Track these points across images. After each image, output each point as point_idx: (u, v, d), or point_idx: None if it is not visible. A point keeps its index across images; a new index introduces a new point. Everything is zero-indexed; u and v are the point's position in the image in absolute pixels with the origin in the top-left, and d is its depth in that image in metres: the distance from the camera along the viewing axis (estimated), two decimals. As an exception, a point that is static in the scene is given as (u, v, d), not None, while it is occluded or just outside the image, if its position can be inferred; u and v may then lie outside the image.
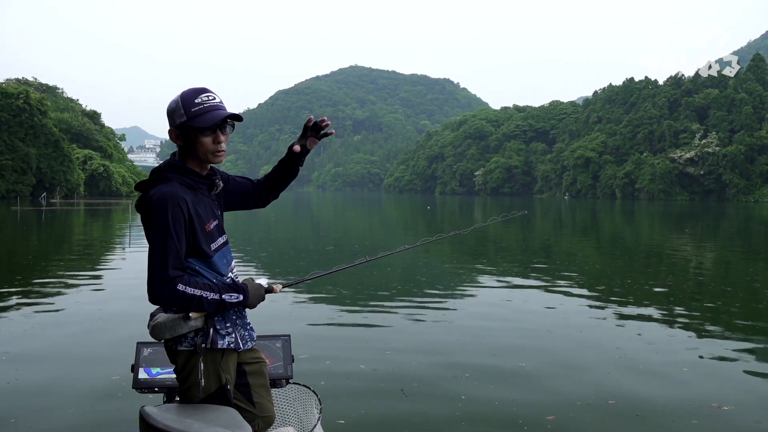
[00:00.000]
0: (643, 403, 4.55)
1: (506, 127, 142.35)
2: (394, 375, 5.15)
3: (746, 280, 11.51)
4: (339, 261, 13.33)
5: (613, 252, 17.45)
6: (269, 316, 7.35)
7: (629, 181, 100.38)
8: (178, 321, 2.18)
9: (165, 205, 2.12)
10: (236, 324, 2.34)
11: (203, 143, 2.24)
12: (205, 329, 2.23)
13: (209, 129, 2.23)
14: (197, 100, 2.23)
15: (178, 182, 2.21)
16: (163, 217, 2.12)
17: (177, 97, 2.25)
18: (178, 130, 2.25)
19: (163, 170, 2.25)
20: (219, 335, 2.26)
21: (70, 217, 32.40)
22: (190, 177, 2.26)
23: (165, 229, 2.12)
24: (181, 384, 2.29)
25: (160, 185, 2.19)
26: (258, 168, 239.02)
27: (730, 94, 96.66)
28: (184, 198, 2.18)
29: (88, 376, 5.08)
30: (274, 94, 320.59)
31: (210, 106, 2.23)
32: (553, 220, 36.96)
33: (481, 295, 9.41)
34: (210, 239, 2.28)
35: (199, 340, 2.22)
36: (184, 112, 2.22)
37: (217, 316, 2.26)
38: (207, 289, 2.17)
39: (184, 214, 2.16)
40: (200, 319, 2.21)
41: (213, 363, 2.25)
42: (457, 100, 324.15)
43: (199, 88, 2.26)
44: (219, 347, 2.25)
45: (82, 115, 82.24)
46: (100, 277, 11.01)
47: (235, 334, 2.32)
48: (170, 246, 2.11)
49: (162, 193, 2.15)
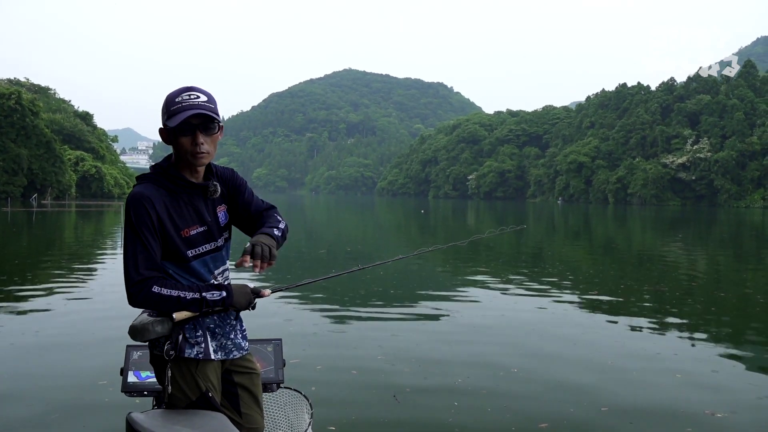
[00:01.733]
0: (636, 410, 4.53)
1: (499, 132, 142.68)
2: (386, 381, 5.10)
3: (738, 286, 11.53)
4: (332, 265, 13.30)
5: (606, 257, 17.47)
6: (261, 320, 7.29)
7: (621, 186, 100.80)
8: (147, 325, 2.11)
9: (130, 206, 2.11)
10: (215, 333, 2.26)
11: (182, 143, 2.17)
12: (173, 336, 2.16)
13: (185, 129, 2.14)
14: (177, 98, 2.16)
15: (153, 183, 2.17)
16: (129, 219, 2.10)
17: (167, 99, 2.19)
18: (164, 130, 2.21)
19: (148, 171, 2.23)
20: (188, 344, 2.19)
21: (61, 219, 32.20)
22: (170, 179, 2.19)
23: (132, 230, 2.09)
24: (162, 391, 2.25)
25: (134, 187, 2.17)
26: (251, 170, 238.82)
27: (721, 100, 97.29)
28: (151, 198, 2.12)
29: (75, 380, 5.01)
30: (267, 96, 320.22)
31: (187, 105, 2.14)
32: (546, 225, 37.01)
33: (474, 301, 9.38)
34: (189, 245, 2.21)
35: (168, 347, 2.16)
36: (165, 111, 2.17)
37: (188, 324, 2.19)
38: (185, 289, 2.11)
39: (151, 215, 2.10)
40: (166, 326, 2.14)
41: (188, 371, 2.19)
42: (450, 104, 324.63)
43: (185, 87, 2.20)
44: (185, 356, 2.18)
45: (74, 116, 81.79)
46: (91, 279, 10.91)
47: (206, 343, 2.23)
48: (138, 247, 2.08)
49: (131, 194, 2.13)
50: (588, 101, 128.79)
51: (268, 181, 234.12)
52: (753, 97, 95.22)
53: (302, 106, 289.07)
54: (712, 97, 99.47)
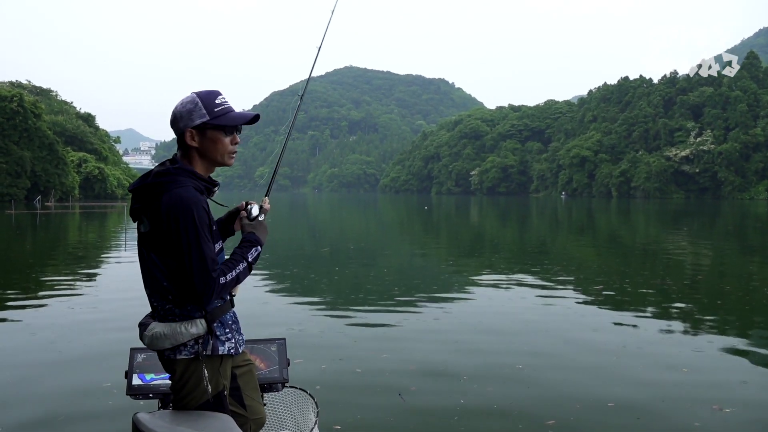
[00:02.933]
0: (643, 405, 4.50)
1: (501, 127, 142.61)
2: (391, 380, 5.08)
3: (744, 279, 11.49)
4: (335, 263, 13.27)
5: (611, 251, 17.43)
6: (264, 319, 7.29)
7: (625, 180, 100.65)
8: (179, 329, 2.15)
9: (191, 210, 2.10)
10: (233, 329, 2.31)
11: (224, 143, 2.26)
12: (205, 336, 2.20)
13: (231, 129, 2.26)
14: (217, 100, 2.24)
15: (192, 186, 2.17)
16: (192, 222, 2.09)
17: (192, 97, 2.22)
18: (195, 130, 2.22)
19: (173, 173, 2.19)
20: (219, 341, 2.23)
21: (65, 220, 32.26)
22: (199, 181, 2.23)
23: (197, 234, 2.10)
24: (177, 393, 2.23)
25: (176, 189, 2.12)
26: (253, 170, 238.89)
27: (724, 92, 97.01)
28: (204, 201, 2.19)
29: (79, 383, 5.00)
30: (269, 95, 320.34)
31: (230, 107, 2.28)
32: (549, 219, 36.96)
33: (478, 297, 9.35)
34: (215, 242, 2.27)
35: (200, 347, 2.18)
36: (206, 112, 2.21)
37: (216, 322, 2.22)
38: (236, 263, 2.22)
39: (210, 217, 2.19)
40: (201, 326, 2.17)
41: (212, 370, 2.22)
42: (452, 100, 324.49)
43: (213, 90, 2.26)
44: (219, 353, 2.22)
45: (76, 118, 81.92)
46: (93, 282, 10.91)
47: (234, 339, 2.29)
48: (206, 249, 2.11)
49: (185, 198, 2.11)
50: (590, 95, 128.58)
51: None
52: (756, 89, 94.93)
53: (304, 104, 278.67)
54: (715, 89, 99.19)
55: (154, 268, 2.18)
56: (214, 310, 2.21)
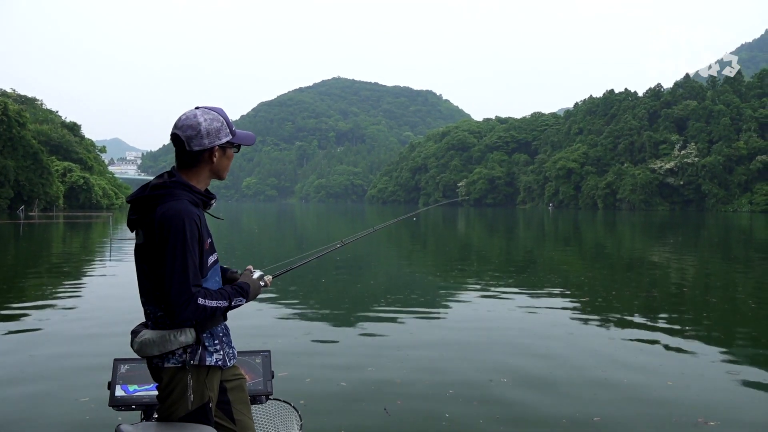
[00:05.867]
0: (629, 418, 4.49)
1: (489, 139, 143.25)
2: (376, 393, 5.04)
3: (729, 291, 11.56)
4: (321, 274, 13.22)
5: (597, 263, 17.50)
6: (248, 331, 7.22)
7: (610, 192, 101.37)
8: (168, 337, 2.15)
9: (182, 223, 2.12)
10: (223, 341, 2.31)
11: (230, 160, 2.36)
12: (194, 345, 2.20)
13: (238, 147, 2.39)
14: (229, 119, 2.33)
15: (187, 199, 2.19)
16: (182, 235, 2.11)
17: (216, 115, 2.28)
18: (219, 148, 2.29)
19: (170, 186, 2.21)
20: (207, 352, 2.23)
21: (49, 231, 31.91)
22: (195, 194, 2.25)
23: (184, 247, 2.11)
24: (163, 401, 2.24)
25: (170, 202, 2.16)
26: (240, 180, 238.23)
27: (708, 105, 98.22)
28: (199, 216, 2.20)
29: (62, 395, 4.91)
30: (256, 105, 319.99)
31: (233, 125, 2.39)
32: (536, 230, 37.10)
33: (465, 310, 9.34)
34: (208, 255, 2.29)
35: (188, 356, 2.18)
36: (230, 131, 2.31)
37: (206, 333, 2.23)
38: (220, 297, 2.21)
39: (201, 233, 2.19)
40: (190, 335, 2.18)
41: (198, 380, 2.22)
42: (439, 111, 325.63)
43: (220, 108, 2.33)
44: (207, 364, 2.22)
45: (61, 127, 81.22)
46: (79, 292, 10.76)
47: (223, 351, 2.29)
48: (190, 263, 2.12)
49: (177, 210, 2.13)
50: (576, 108, 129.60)
51: (257, 190, 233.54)
52: (739, 103, 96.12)
53: (291, 114, 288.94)
54: (699, 103, 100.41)
55: (146, 278, 2.21)
56: (205, 321, 2.20)
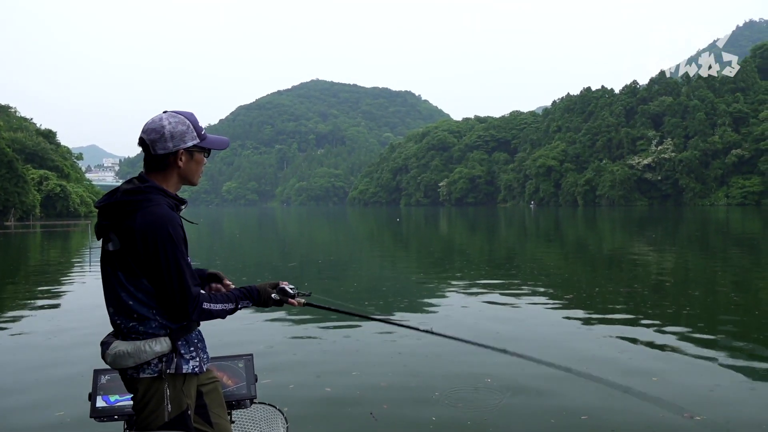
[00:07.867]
0: (615, 416, 4.48)
1: (468, 138, 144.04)
2: (362, 398, 4.98)
3: (710, 284, 11.66)
4: (304, 278, 13.10)
5: (579, 259, 17.59)
6: (231, 337, 7.11)
7: (590, 188, 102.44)
8: (143, 347, 2.12)
9: (167, 228, 2.10)
10: (198, 348, 2.28)
11: (199, 164, 2.31)
12: (169, 354, 2.17)
13: (209, 151, 2.34)
14: (199, 123, 2.29)
15: (165, 204, 2.17)
16: (170, 240, 2.10)
17: (182, 119, 2.23)
18: (185, 151, 2.24)
19: (145, 191, 2.16)
20: (183, 360, 2.20)
21: (26, 240, 31.41)
22: (169, 198, 2.22)
23: (175, 252, 2.11)
24: (139, 413, 2.19)
25: (150, 208, 2.12)
26: (220, 184, 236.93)
27: (683, 101, 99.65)
28: (179, 219, 2.20)
29: (36, 409, 4.78)
30: (235, 109, 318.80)
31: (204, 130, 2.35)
32: (518, 230, 37.27)
33: (449, 311, 9.29)
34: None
35: (164, 365, 2.15)
36: (197, 134, 2.26)
37: (181, 341, 2.20)
38: (226, 300, 2.23)
39: (185, 234, 2.20)
40: (165, 344, 2.15)
41: (174, 389, 2.18)
42: (419, 111, 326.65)
43: (190, 112, 2.29)
44: (183, 372, 2.19)
45: (36, 135, 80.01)
46: (57, 302, 10.55)
47: (198, 357, 2.26)
48: (184, 266, 2.13)
49: (160, 216, 2.11)
50: (554, 106, 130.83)
51: (238, 195, 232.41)
52: (713, 98, 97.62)
53: (270, 118, 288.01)
54: (674, 99, 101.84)
55: (119, 287, 2.14)
56: (179, 329, 2.19)
